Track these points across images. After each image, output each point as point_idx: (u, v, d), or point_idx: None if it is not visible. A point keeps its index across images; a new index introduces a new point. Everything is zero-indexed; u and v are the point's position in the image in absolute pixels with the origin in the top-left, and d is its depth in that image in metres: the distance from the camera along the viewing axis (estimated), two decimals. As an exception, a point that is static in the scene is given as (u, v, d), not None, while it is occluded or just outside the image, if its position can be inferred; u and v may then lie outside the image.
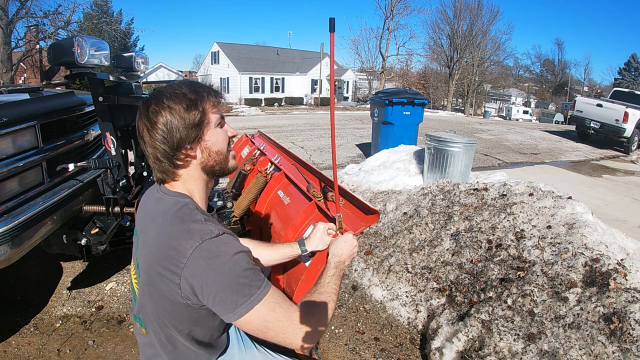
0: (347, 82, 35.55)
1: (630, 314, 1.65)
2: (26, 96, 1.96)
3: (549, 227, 2.35)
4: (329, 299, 1.02)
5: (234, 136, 1.03)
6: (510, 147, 9.72)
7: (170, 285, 0.88)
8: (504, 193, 2.86)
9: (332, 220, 1.66)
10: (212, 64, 32.37)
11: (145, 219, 1.00)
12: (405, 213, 3.24)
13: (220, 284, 0.85)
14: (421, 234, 2.85)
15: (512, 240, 2.37)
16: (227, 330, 1.16)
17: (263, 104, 28.18)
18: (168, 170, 0.96)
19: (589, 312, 1.74)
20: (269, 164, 2.63)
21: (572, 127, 14.11)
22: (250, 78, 30.40)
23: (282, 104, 29.55)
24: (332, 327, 2.22)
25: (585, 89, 47.96)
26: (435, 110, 28.11)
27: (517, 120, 29.21)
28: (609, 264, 1.93)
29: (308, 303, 1.00)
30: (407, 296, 2.41)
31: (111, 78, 2.24)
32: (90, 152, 2.41)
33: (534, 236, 2.32)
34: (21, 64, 16.42)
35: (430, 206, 3.12)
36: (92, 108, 2.33)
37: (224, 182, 3.51)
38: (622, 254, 2.08)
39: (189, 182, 0.99)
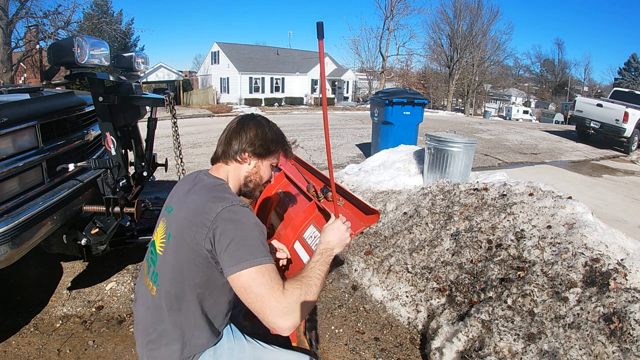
0: (347, 82, 35.52)
1: (630, 314, 1.65)
2: (26, 96, 1.95)
3: (549, 227, 2.35)
4: (310, 283, 1.07)
5: (269, 181, 1.33)
6: (510, 147, 9.71)
7: (198, 235, 1.04)
8: (504, 193, 2.86)
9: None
10: (212, 64, 32.33)
11: (183, 193, 1.20)
12: (405, 213, 3.24)
13: (235, 238, 1.02)
14: (421, 234, 2.85)
15: (512, 240, 2.37)
16: (226, 325, 1.23)
17: (263, 104, 28.17)
18: (227, 153, 1.24)
19: (589, 312, 1.74)
20: (269, 164, 2.62)
21: (572, 127, 14.11)
22: (250, 78, 30.38)
23: (282, 104, 29.53)
24: (332, 327, 2.22)
25: (585, 89, 47.92)
26: (435, 110, 28.09)
27: (517, 120, 29.19)
28: (609, 264, 1.93)
29: (291, 284, 1.05)
30: (407, 296, 2.41)
31: (111, 78, 2.24)
32: (90, 152, 2.41)
33: (534, 236, 2.32)
34: (21, 64, 16.41)
35: (430, 206, 3.12)
36: (92, 108, 2.33)
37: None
38: (622, 254, 2.08)
39: (232, 173, 1.25)
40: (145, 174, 2.49)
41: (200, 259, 1.06)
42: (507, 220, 2.56)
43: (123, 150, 2.29)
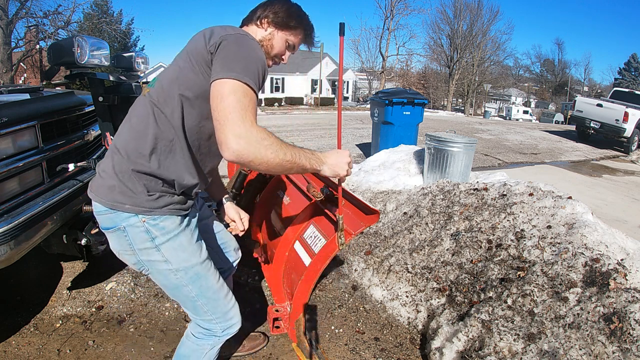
0: (347, 82, 35.50)
1: (630, 314, 1.65)
2: (26, 96, 1.95)
3: (549, 227, 2.35)
4: (282, 147, 1.07)
5: (280, 57, 1.33)
6: (510, 147, 9.71)
7: (210, 42, 1.09)
8: (504, 193, 2.86)
9: (332, 220, 1.66)
10: (212, 64, 32.27)
11: None
12: (405, 213, 3.24)
13: (237, 53, 1.06)
14: (421, 234, 2.85)
15: (512, 240, 2.37)
16: (200, 187, 1.26)
17: (263, 104, 28.15)
18: (250, 18, 1.31)
19: (589, 312, 1.74)
20: (269, 164, 2.62)
21: (572, 127, 14.10)
22: (250, 78, 30.32)
23: (282, 103, 29.50)
24: (332, 327, 2.22)
25: (585, 89, 47.90)
26: (435, 110, 28.08)
27: (517, 120, 29.20)
28: (609, 264, 1.93)
29: (265, 129, 1.05)
30: (407, 296, 2.41)
31: (111, 78, 2.24)
32: (90, 152, 2.41)
33: (534, 236, 2.32)
34: (21, 64, 16.42)
35: (430, 206, 3.12)
36: (92, 108, 2.33)
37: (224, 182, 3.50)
38: (622, 254, 2.08)
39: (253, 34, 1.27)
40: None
41: (202, 62, 1.10)
42: (507, 220, 2.56)
43: (123, 150, 2.28)
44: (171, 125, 1.13)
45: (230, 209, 1.60)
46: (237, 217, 1.59)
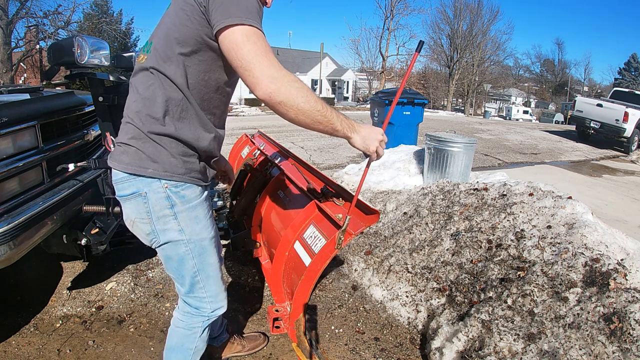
0: (347, 82, 35.52)
1: (630, 314, 1.65)
2: (26, 96, 1.95)
3: (549, 227, 2.35)
4: (316, 99, 1.07)
5: (264, 0, 1.20)
6: (510, 147, 9.71)
7: None
8: (504, 193, 2.86)
9: (332, 220, 1.66)
10: (212, 64, 32.26)
11: None
12: (405, 213, 3.24)
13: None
14: (421, 234, 2.85)
15: (512, 240, 2.37)
16: (215, 143, 1.25)
17: (263, 104, 28.10)
18: None
19: (589, 312, 1.74)
20: (269, 164, 2.63)
21: (572, 127, 14.12)
22: (251, 78, 30.32)
23: (282, 104, 29.42)
24: (332, 327, 2.22)
25: (585, 88, 47.92)
26: (435, 110, 28.09)
27: (517, 120, 29.22)
28: (609, 264, 1.93)
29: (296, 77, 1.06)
30: (407, 296, 2.41)
31: (111, 78, 2.24)
32: (90, 152, 2.41)
33: (534, 236, 2.32)
34: (21, 64, 16.42)
35: (430, 206, 3.11)
36: (92, 108, 2.33)
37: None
38: (622, 254, 2.08)
39: None
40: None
41: (194, 15, 1.05)
42: (507, 220, 2.56)
43: (123, 150, 2.28)
44: (177, 85, 1.12)
45: (222, 161, 1.64)
46: (227, 169, 1.68)
